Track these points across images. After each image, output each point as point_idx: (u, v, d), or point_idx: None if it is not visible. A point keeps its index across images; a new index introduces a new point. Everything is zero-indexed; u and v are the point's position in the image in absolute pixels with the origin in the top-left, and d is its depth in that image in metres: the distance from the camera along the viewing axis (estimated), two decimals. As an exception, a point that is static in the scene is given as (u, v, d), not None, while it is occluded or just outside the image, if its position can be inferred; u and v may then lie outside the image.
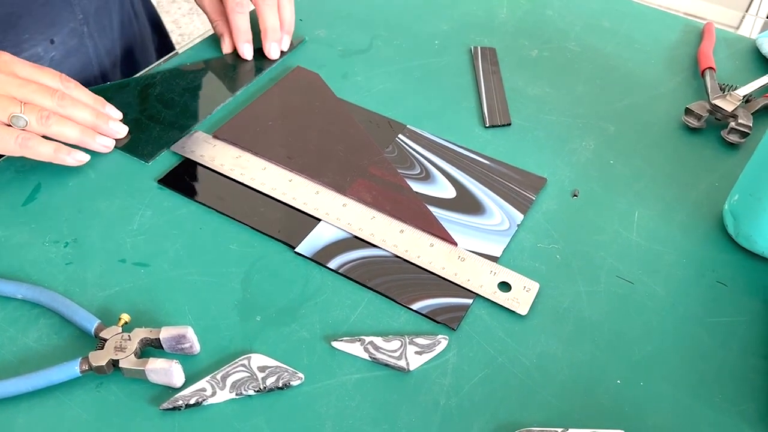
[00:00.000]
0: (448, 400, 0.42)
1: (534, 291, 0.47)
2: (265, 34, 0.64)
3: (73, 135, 0.50)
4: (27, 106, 0.47)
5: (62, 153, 0.49)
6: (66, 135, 0.49)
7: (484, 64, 0.67)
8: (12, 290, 0.44)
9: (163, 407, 0.40)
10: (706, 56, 0.68)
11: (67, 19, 0.65)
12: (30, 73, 0.49)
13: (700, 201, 0.55)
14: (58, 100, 0.49)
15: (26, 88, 0.48)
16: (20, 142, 0.47)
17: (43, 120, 0.48)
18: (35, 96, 0.48)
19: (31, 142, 0.47)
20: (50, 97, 0.48)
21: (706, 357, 0.45)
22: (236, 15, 0.62)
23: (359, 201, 0.52)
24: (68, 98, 0.49)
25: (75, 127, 0.50)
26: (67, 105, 0.49)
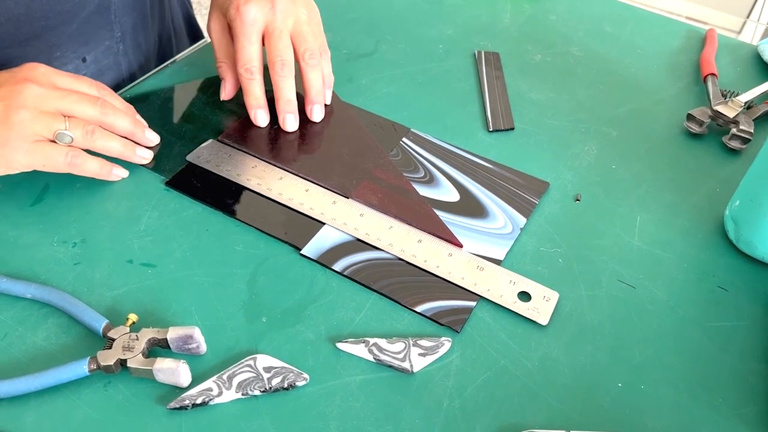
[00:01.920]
0: (452, 401, 0.42)
1: (554, 300, 0.47)
2: (309, 97, 0.58)
3: (117, 148, 0.50)
4: (71, 121, 0.47)
5: (106, 168, 0.50)
6: (110, 149, 0.50)
7: (488, 68, 0.68)
8: (21, 290, 0.45)
9: (170, 406, 0.40)
10: (708, 62, 0.69)
11: (104, 37, 0.63)
12: (68, 83, 0.49)
13: (701, 206, 0.56)
14: (100, 108, 0.49)
15: (67, 99, 0.48)
16: (69, 160, 0.47)
17: (88, 135, 0.48)
18: (77, 107, 0.48)
19: (79, 160, 0.48)
20: (92, 106, 0.48)
21: (706, 361, 0.45)
22: (245, 81, 0.56)
23: (365, 203, 0.53)
24: (109, 106, 0.50)
25: (118, 140, 0.50)
26: (109, 113, 0.49)
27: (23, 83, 0.47)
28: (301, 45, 0.57)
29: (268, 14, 0.56)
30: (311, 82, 0.58)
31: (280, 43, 0.56)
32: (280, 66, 0.56)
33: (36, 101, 0.47)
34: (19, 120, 0.46)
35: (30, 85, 0.47)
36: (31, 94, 0.47)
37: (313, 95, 0.59)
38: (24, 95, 0.47)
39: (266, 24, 0.56)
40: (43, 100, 0.47)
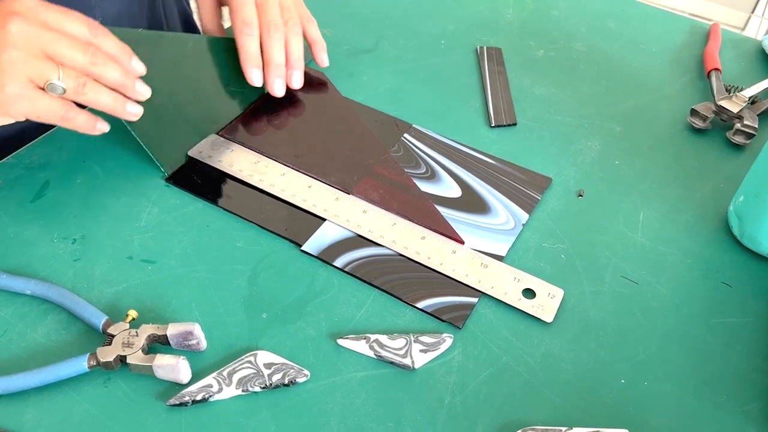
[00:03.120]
0: (453, 398, 0.42)
1: (558, 298, 0.47)
2: (289, 62, 0.59)
3: (107, 103, 0.47)
4: (64, 71, 0.45)
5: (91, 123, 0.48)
6: (100, 103, 0.47)
7: (490, 64, 0.68)
8: (21, 286, 0.45)
9: (169, 403, 0.40)
10: (712, 57, 0.68)
11: None
12: (58, 19, 0.45)
13: (705, 202, 0.55)
14: (90, 57, 0.46)
15: (57, 43, 0.44)
16: (63, 113, 0.45)
17: (80, 88, 0.45)
18: (67, 53, 0.45)
19: (71, 114, 0.46)
20: (82, 54, 0.45)
21: (710, 357, 0.45)
22: (244, 37, 0.57)
23: (366, 200, 0.52)
24: (100, 54, 0.46)
25: (108, 94, 0.47)
26: (99, 63, 0.46)
27: (9, 17, 0.43)
28: (285, 13, 0.59)
29: None
30: (292, 47, 0.59)
31: (273, 8, 0.58)
32: (274, 28, 0.57)
33: (25, 40, 0.43)
34: (9, 60, 0.43)
35: (17, 20, 0.43)
36: (19, 32, 0.43)
37: (293, 61, 0.60)
38: (12, 33, 0.43)
39: None
40: (32, 40, 0.44)
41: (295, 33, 0.59)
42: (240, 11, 0.57)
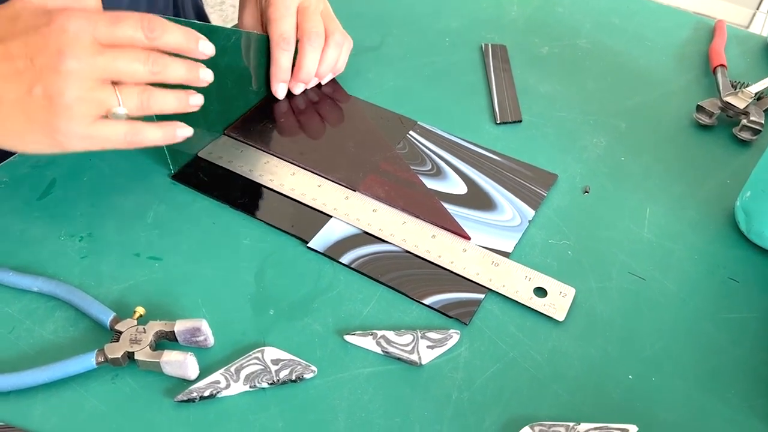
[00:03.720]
0: (460, 393, 0.42)
1: (570, 296, 0.47)
2: (296, 74, 0.59)
3: (172, 105, 0.44)
4: (123, 93, 0.41)
5: (169, 132, 0.44)
6: (166, 108, 0.44)
7: (495, 61, 0.68)
8: (29, 283, 0.45)
9: (177, 399, 0.40)
10: (718, 53, 0.68)
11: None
12: (111, 32, 0.41)
13: (711, 198, 0.55)
14: (151, 66, 0.42)
15: (114, 64, 0.41)
16: (128, 139, 0.42)
17: (143, 104, 0.42)
18: (126, 70, 0.41)
19: (138, 137, 0.43)
20: (142, 64, 0.41)
21: (717, 353, 0.45)
22: (280, 51, 0.57)
23: (372, 197, 0.52)
24: (159, 60, 0.42)
25: (172, 95, 0.44)
26: (160, 70, 0.42)
27: (59, 56, 0.39)
28: (330, 24, 0.60)
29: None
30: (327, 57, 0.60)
31: (315, 17, 0.59)
32: (315, 36, 0.58)
33: (79, 79, 0.40)
34: (66, 104, 0.40)
35: (68, 58, 0.39)
36: (71, 74, 0.39)
37: (322, 71, 0.60)
38: (63, 74, 0.39)
39: (302, 1, 0.59)
40: (85, 75, 0.40)
41: (336, 44, 0.60)
42: (279, 24, 0.57)
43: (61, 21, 0.40)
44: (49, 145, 0.42)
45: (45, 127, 0.41)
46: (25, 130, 0.41)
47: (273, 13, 0.57)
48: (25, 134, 0.41)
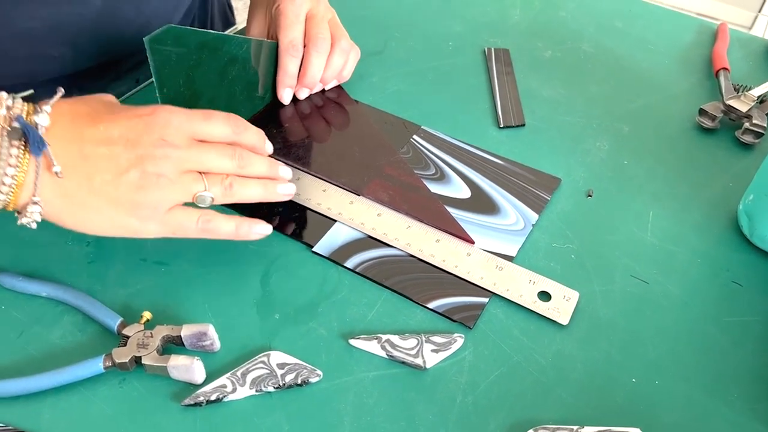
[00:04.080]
0: (465, 397, 0.42)
1: (574, 300, 0.47)
2: (302, 79, 0.60)
3: (258, 193, 0.46)
4: (209, 179, 0.43)
5: (243, 229, 0.45)
6: (251, 196, 0.46)
7: (498, 65, 0.68)
8: (37, 288, 0.45)
9: (184, 403, 0.41)
10: (720, 57, 0.68)
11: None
12: (201, 129, 0.44)
13: (714, 201, 0.55)
14: (237, 160, 0.44)
15: (205, 156, 0.43)
16: (201, 226, 0.43)
17: (227, 190, 0.44)
18: (215, 163, 0.44)
19: (211, 225, 0.44)
20: (229, 159, 0.44)
21: (721, 356, 0.45)
22: (288, 57, 0.58)
23: (376, 201, 0.53)
24: (246, 156, 0.45)
25: (257, 184, 0.46)
26: (246, 165, 0.45)
27: (160, 146, 0.42)
28: (337, 31, 0.61)
29: (314, 1, 0.60)
30: (333, 62, 0.60)
31: (322, 24, 0.60)
32: (321, 41, 0.59)
33: (176, 165, 0.42)
34: (159, 188, 0.42)
35: (167, 149, 0.42)
36: (169, 160, 0.42)
37: (327, 77, 0.61)
38: (162, 161, 0.42)
39: (310, 9, 0.60)
40: (182, 162, 0.43)
41: (342, 51, 0.61)
42: (289, 31, 0.58)
43: (165, 114, 0.43)
44: (123, 228, 0.43)
45: (127, 210, 0.42)
46: (103, 211, 0.42)
47: (283, 21, 0.58)
48: (101, 215, 0.42)
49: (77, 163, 0.41)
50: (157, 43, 0.49)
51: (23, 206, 0.41)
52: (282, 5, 0.59)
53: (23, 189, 0.40)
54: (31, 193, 0.40)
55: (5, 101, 0.40)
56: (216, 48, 0.54)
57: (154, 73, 0.50)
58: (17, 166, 0.39)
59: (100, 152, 0.41)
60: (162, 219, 0.43)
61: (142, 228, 0.43)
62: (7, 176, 0.39)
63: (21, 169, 0.39)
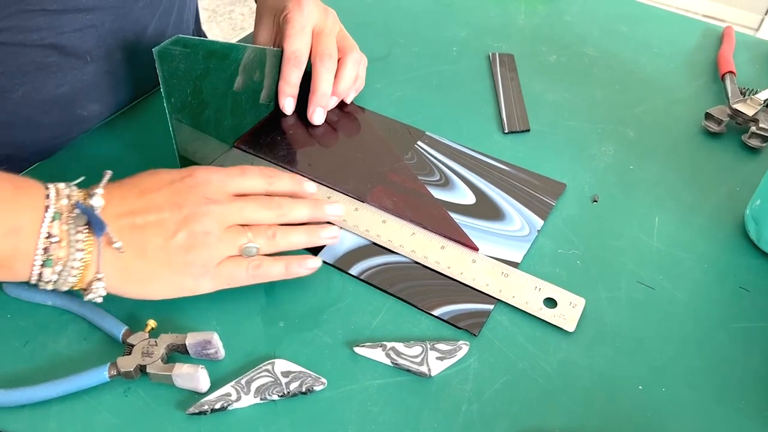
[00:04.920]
0: (470, 405, 0.42)
1: (580, 307, 0.47)
2: (313, 96, 0.59)
3: (301, 240, 0.47)
4: (253, 231, 0.45)
5: (293, 267, 0.46)
6: (295, 244, 0.47)
7: (503, 70, 0.68)
8: (42, 297, 0.46)
9: (189, 412, 0.41)
10: (726, 60, 0.68)
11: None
12: (238, 184, 0.46)
13: (721, 206, 0.55)
14: (277, 210, 0.46)
15: (246, 210, 0.45)
16: (252, 272, 0.45)
17: (271, 240, 0.45)
18: (255, 216, 0.46)
19: (261, 270, 0.45)
20: (269, 210, 0.46)
21: (729, 362, 0.45)
22: (290, 67, 0.58)
23: (380, 208, 0.53)
24: (285, 204, 0.47)
25: (299, 231, 0.47)
26: (286, 213, 0.47)
27: (203, 205, 0.44)
28: (346, 42, 0.62)
29: (322, 15, 0.60)
30: (344, 75, 0.60)
31: (329, 39, 0.60)
32: (327, 57, 0.59)
33: (220, 221, 0.44)
34: (206, 246, 0.43)
35: (210, 206, 0.44)
36: (213, 217, 0.44)
37: (339, 90, 0.61)
38: (206, 219, 0.44)
39: (318, 23, 0.60)
40: (226, 217, 0.44)
41: (354, 61, 0.61)
42: (293, 40, 0.58)
43: (203, 174, 0.46)
44: (180, 289, 0.44)
45: (181, 270, 0.43)
46: (160, 276, 0.43)
47: (289, 30, 0.58)
48: (158, 281, 0.44)
49: (130, 236, 0.43)
50: (166, 54, 0.49)
51: (89, 284, 0.42)
52: (289, 14, 0.59)
53: (89, 269, 0.42)
54: (95, 270, 0.42)
55: (64, 191, 0.42)
56: (223, 57, 0.54)
57: (162, 83, 0.50)
58: (84, 250, 0.41)
59: (150, 220, 0.43)
60: (214, 273, 0.44)
61: (197, 285, 0.44)
62: (77, 260, 0.41)
63: (87, 251, 0.41)
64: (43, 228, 0.40)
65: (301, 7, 0.59)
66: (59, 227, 0.41)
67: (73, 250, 0.41)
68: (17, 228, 0.40)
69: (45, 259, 0.41)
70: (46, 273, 0.41)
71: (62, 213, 0.41)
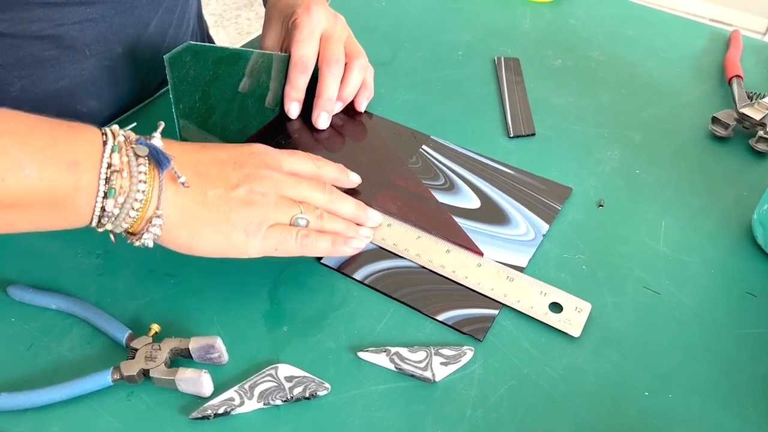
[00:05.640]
0: (474, 411, 0.42)
1: (586, 312, 0.46)
2: (318, 101, 0.60)
3: (342, 229, 0.48)
4: (304, 206, 0.47)
5: (339, 244, 0.47)
6: (336, 231, 0.48)
7: (508, 74, 0.68)
8: (46, 301, 0.46)
9: (192, 416, 0.41)
10: (733, 64, 0.68)
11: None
12: (291, 163, 0.48)
13: (728, 211, 0.55)
14: (328, 194, 0.48)
15: (301, 186, 0.47)
16: (300, 241, 0.45)
17: (319, 219, 0.47)
18: (309, 194, 0.48)
19: (309, 240, 0.46)
20: (321, 193, 0.48)
21: (736, 368, 0.44)
22: (297, 72, 0.59)
23: (384, 212, 0.53)
24: (336, 193, 0.49)
25: (343, 223, 0.49)
26: (336, 199, 0.49)
27: (264, 168, 0.46)
28: (353, 48, 0.61)
29: (330, 20, 0.60)
30: (349, 80, 0.60)
31: (337, 45, 0.60)
32: (334, 63, 0.59)
33: (276, 188, 0.46)
34: (263, 205, 0.45)
35: (270, 171, 0.46)
36: (272, 181, 0.46)
37: (344, 95, 0.61)
38: (267, 181, 0.45)
39: (327, 28, 0.60)
40: (282, 186, 0.46)
41: (361, 67, 0.61)
42: (301, 46, 0.58)
43: (261, 147, 0.48)
44: (231, 245, 0.44)
45: (236, 224, 0.44)
46: (215, 225, 0.43)
47: (297, 35, 0.58)
48: (213, 230, 0.44)
49: (193, 180, 0.43)
50: (176, 61, 0.49)
51: (147, 221, 0.42)
52: (299, 19, 0.59)
53: (150, 204, 0.42)
54: (155, 206, 0.42)
55: (119, 131, 0.42)
56: (232, 63, 0.54)
57: (172, 89, 0.50)
58: (146, 182, 0.41)
59: (213, 171, 0.44)
60: (266, 235, 0.45)
61: (247, 245, 0.44)
62: (139, 192, 0.41)
63: (150, 184, 0.41)
64: (104, 159, 0.40)
65: (310, 12, 0.59)
66: (119, 158, 0.41)
67: (135, 181, 0.41)
68: (76, 161, 0.39)
69: (107, 189, 0.40)
70: (108, 205, 0.40)
71: (121, 147, 0.41)
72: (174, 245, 0.44)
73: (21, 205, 0.39)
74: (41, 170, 0.39)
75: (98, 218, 0.41)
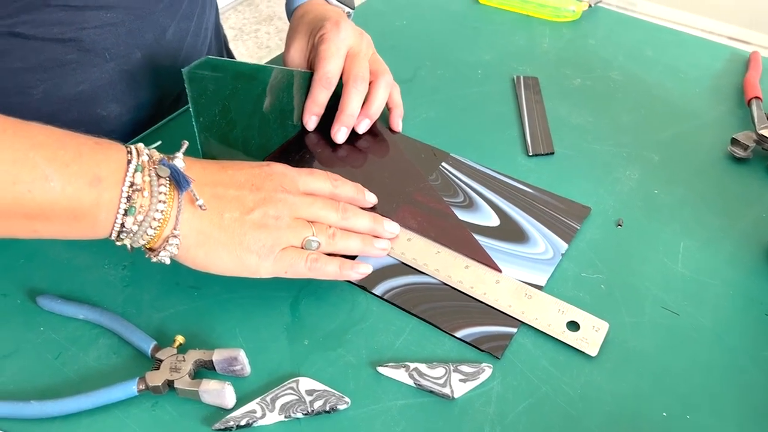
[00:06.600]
0: (493, 428, 0.42)
1: (603, 331, 0.47)
2: (339, 116, 0.60)
3: (357, 246, 0.49)
4: (316, 227, 0.48)
5: (346, 269, 0.48)
6: (350, 248, 0.49)
7: (527, 93, 0.68)
8: (74, 311, 0.47)
9: (215, 427, 0.41)
10: (753, 85, 0.68)
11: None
12: (308, 183, 0.50)
13: (747, 232, 0.55)
14: (341, 213, 0.49)
15: (314, 206, 0.48)
16: (309, 265, 0.46)
17: (331, 239, 0.48)
18: (322, 213, 0.48)
19: (318, 264, 0.47)
20: (334, 212, 0.49)
21: (756, 391, 0.44)
22: (320, 88, 0.60)
23: (404, 227, 0.53)
24: (349, 210, 0.50)
25: (356, 238, 0.50)
26: (350, 217, 0.50)
27: (280, 192, 0.47)
28: (379, 66, 0.62)
29: (357, 37, 0.61)
30: (375, 97, 0.61)
31: (363, 62, 0.61)
32: (361, 80, 0.60)
33: (290, 210, 0.47)
34: (276, 229, 0.46)
35: (285, 194, 0.47)
36: (286, 205, 0.47)
37: (370, 113, 0.61)
38: (281, 204, 0.47)
39: (353, 45, 0.61)
40: (296, 208, 0.47)
41: (387, 84, 0.62)
42: (327, 62, 0.59)
43: (280, 167, 0.49)
44: (243, 266, 0.45)
45: (249, 246, 0.45)
46: (229, 247, 0.45)
47: (324, 51, 0.59)
48: (227, 251, 0.45)
49: (210, 202, 0.45)
50: (195, 75, 0.50)
51: (164, 240, 0.43)
52: (326, 34, 0.60)
53: (167, 223, 0.43)
54: (173, 227, 0.43)
55: (144, 150, 0.44)
56: (251, 78, 0.55)
57: (192, 103, 0.51)
58: (166, 202, 0.43)
59: (230, 194, 0.46)
60: (277, 257, 0.46)
61: (259, 266, 0.46)
62: (158, 212, 0.42)
63: (169, 204, 0.43)
64: (127, 177, 0.42)
65: (339, 28, 0.60)
66: (142, 178, 0.42)
67: (155, 201, 0.42)
68: (99, 177, 0.41)
69: (128, 207, 0.42)
70: (128, 222, 0.42)
71: (144, 167, 0.42)
72: (191, 263, 0.45)
73: (44, 216, 0.41)
74: (65, 185, 0.40)
75: (117, 233, 0.43)
